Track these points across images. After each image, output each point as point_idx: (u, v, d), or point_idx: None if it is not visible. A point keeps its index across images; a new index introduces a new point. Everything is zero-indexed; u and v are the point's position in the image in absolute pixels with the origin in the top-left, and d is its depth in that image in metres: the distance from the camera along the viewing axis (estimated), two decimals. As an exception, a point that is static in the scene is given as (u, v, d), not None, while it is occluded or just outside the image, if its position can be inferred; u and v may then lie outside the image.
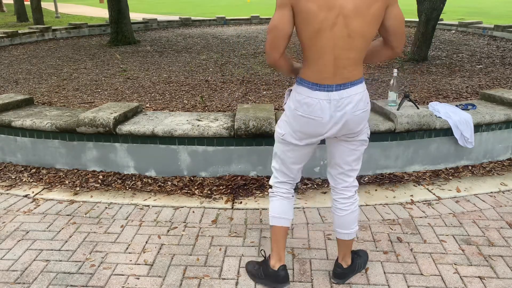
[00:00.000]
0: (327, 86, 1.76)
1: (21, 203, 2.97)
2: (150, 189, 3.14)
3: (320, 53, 1.72)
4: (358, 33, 1.69)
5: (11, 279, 2.18)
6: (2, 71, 6.47)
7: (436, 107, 3.45)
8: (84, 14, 19.64)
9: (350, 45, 1.71)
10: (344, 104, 1.77)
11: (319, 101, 1.77)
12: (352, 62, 1.75)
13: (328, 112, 1.78)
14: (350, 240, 2.10)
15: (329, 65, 1.73)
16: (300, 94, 1.81)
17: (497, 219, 2.70)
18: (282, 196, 2.06)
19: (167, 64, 6.75)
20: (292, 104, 1.85)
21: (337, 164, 2.00)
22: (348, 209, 2.04)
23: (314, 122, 1.81)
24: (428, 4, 6.42)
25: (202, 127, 3.13)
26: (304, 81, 1.80)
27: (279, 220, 2.05)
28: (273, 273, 2.06)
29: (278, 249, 2.07)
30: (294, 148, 1.93)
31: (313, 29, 1.67)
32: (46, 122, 3.33)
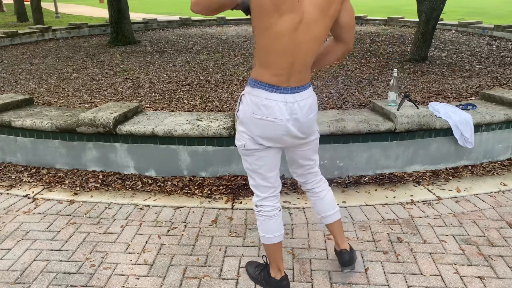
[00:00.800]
0: (283, 88, 1.74)
1: (21, 203, 2.97)
2: (150, 189, 3.14)
3: (279, 56, 1.70)
4: (316, 38, 1.69)
5: (11, 279, 2.18)
6: (2, 71, 6.47)
7: (436, 107, 3.45)
8: (84, 14, 19.63)
9: (308, 50, 1.71)
10: (298, 107, 1.78)
11: (277, 103, 1.75)
12: (307, 66, 1.77)
13: (286, 114, 1.76)
14: (340, 220, 2.17)
15: (286, 68, 1.72)
16: (257, 96, 1.76)
17: (497, 219, 2.70)
18: (267, 216, 1.99)
19: (167, 64, 6.75)
20: (249, 108, 1.78)
21: (302, 165, 2.07)
22: (325, 188, 2.14)
23: (273, 125, 1.77)
24: (428, 4, 6.42)
25: (202, 127, 3.13)
26: (260, 83, 1.75)
27: (271, 239, 2.02)
28: (275, 283, 2.07)
29: (277, 262, 2.07)
30: (259, 154, 1.88)
31: (276, 31, 1.63)
32: (46, 122, 3.33)
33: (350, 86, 5.09)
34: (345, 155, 3.24)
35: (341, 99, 4.50)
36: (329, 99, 4.52)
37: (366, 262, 2.30)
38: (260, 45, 1.71)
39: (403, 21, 12.26)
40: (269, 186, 1.96)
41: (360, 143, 3.21)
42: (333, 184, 3.19)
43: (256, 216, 2.03)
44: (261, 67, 1.76)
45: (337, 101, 4.44)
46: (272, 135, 1.81)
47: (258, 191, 1.98)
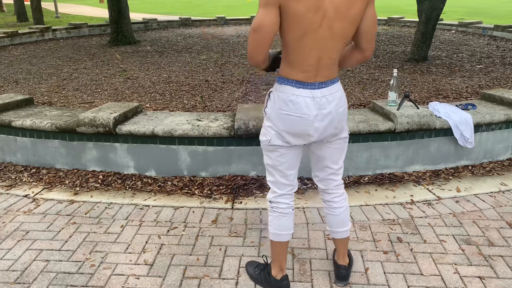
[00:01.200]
0: (310, 84, 1.77)
1: (21, 203, 2.97)
2: (150, 189, 3.14)
3: (305, 54, 1.73)
4: (340, 35, 1.72)
5: (11, 279, 2.18)
6: (2, 71, 6.47)
7: (436, 107, 3.45)
8: (84, 14, 19.64)
9: (332, 46, 1.74)
10: (327, 101, 1.79)
11: (303, 98, 1.77)
12: (333, 62, 1.79)
13: (313, 109, 1.78)
14: (348, 238, 2.14)
15: (313, 65, 1.75)
16: (284, 92, 1.79)
17: (497, 219, 2.70)
18: (281, 212, 2.00)
19: (167, 64, 6.75)
20: (276, 104, 1.82)
21: (326, 166, 2.01)
22: (343, 205, 2.08)
23: (300, 120, 1.79)
24: (428, 4, 6.42)
25: (202, 127, 3.13)
26: (287, 80, 1.79)
27: (280, 236, 2.02)
28: (275, 283, 2.07)
29: (280, 261, 2.07)
30: (283, 151, 1.90)
31: (300, 30, 1.67)
32: (46, 122, 3.33)
33: (350, 86, 5.09)
34: (345, 155, 3.23)
35: (341, 99, 4.49)
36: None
37: (366, 262, 2.30)
38: (288, 46, 1.74)
39: (403, 21, 12.27)
40: (287, 184, 1.98)
41: (360, 143, 3.21)
42: (333, 184, 3.19)
43: (269, 213, 2.04)
44: (289, 65, 1.78)
45: (337, 101, 4.43)
46: (299, 130, 1.81)
47: (276, 187, 1.99)
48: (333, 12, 1.65)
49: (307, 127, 1.80)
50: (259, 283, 2.14)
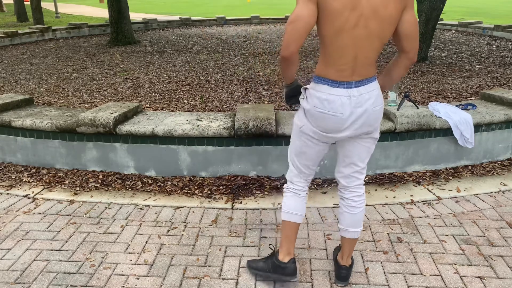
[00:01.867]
0: (346, 83, 1.79)
1: (21, 203, 2.97)
2: (150, 189, 3.14)
3: (341, 52, 1.75)
4: (376, 34, 1.73)
5: (11, 279, 2.18)
6: (2, 71, 6.47)
7: (436, 107, 3.45)
8: (84, 14, 19.64)
9: (368, 46, 1.74)
10: (364, 99, 1.81)
11: (339, 97, 1.79)
12: (370, 61, 1.79)
13: (348, 108, 1.80)
14: (357, 239, 2.13)
15: (349, 63, 1.76)
16: (320, 91, 1.81)
17: (497, 219, 2.71)
18: (296, 193, 2.07)
19: (167, 64, 6.75)
20: (311, 102, 1.84)
21: (353, 163, 2.01)
22: (361, 206, 2.07)
23: (334, 118, 1.81)
24: (428, 4, 6.42)
25: (202, 127, 3.13)
26: (323, 79, 1.81)
27: (292, 216, 2.06)
28: (283, 266, 2.08)
29: (288, 244, 2.09)
30: (310, 143, 1.94)
31: (335, 28, 1.69)
32: (46, 122, 3.33)
33: (350, 86, 5.08)
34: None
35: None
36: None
37: (366, 262, 2.30)
38: (324, 43, 1.77)
39: (403, 21, 12.24)
40: (304, 171, 2.05)
41: (360, 143, 3.21)
42: (333, 184, 3.19)
43: (284, 193, 2.11)
44: (326, 64, 1.81)
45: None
46: (331, 127, 1.84)
47: (295, 169, 2.06)
48: (369, 11, 1.67)
49: (341, 125, 1.83)
50: (266, 271, 2.14)
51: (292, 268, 2.08)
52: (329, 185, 3.17)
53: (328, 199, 2.98)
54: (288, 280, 2.11)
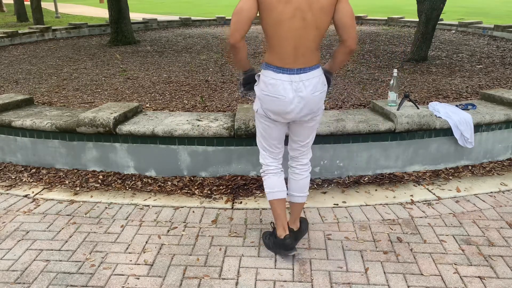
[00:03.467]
0: (289, 69, 2.02)
1: (21, 203, 2.97)
2: (150, 189, 3.14)
3: (281, 41, 1.98)
4: (313, 25, 1.95)
5: (11, 279, 2.18)
6: (2, 71, 6.47)
7: (436, 107, 3.45)
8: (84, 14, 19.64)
9: (306, 36, 1.97)
10: (304, 86, 2.04)
11: (282, 82, 2.03)
12: (309, 50, 2.01)
13: (290, 92, 2.03)
14: (302, 203, 2.40)
15: (290, 52, 1.99)
16: (266, 76, 2.06)
17: (497, 219, 2.70)
18: (271, 172, 2.31)
19: (167, 64, 6.75)
20: (260, 86, 2.10)
21: (299, 140, 2.29)
22: (304, 174, 2.35)
23: (278, 101, 2.06)
24: (428, 4, 6.42)
25: (202, 127, 3.13)
26: (269, 65, 2.06)
27: (275, 194, 2.29)
28: (281, 242, 2.30)
29: (281, 221, 2.30)
30: (267, 123, 2.19)
31: (273, 19, 1.94)
32: (46, 122, 3.33)
33: (350, 86, 5.09)
34: (345, 155, 3.24)
35: (341, 99, 4.50)
36: (329, 99, 4.52)
37: (366, 262, 2.30)
38: (266, 34, 2.02)
39: (403, 21, 12.26)
40: (272, 150, 2.30)
41: (360, 143, 3.21)
42: (333, 184, 3.19)
43: (262, 177, 2.34)
44: (270, 52, 2.05)
45: (337, 101, 4.44)
46: (277, 109, 2.09)
47: (264, 151, 2.32)
48: (305, 4, 1.91)
49: (285, 107, 2.07)
50: (271, 249, 2.38)
51: (288, 243, 2.27)
52: (329, 185, 3.17)
53: (328, 199, 2.98)
54: (288, 254, 2.30)
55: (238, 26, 1.95)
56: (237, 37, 1.96)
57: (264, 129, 2.24)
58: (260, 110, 2.17)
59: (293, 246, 2.29)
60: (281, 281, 2.15)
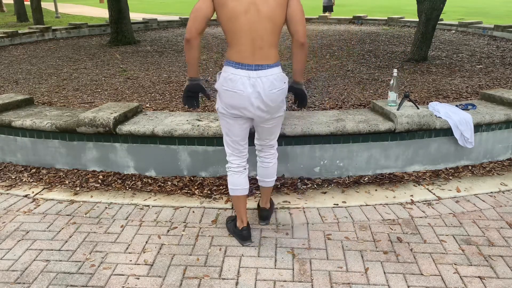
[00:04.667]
0: (247, 65, 2.13)
1: (21, 203, 2.97)
2: (150, 189, 3.14)
3: (238, 35, 2.09)
4: (267, 18, 2.07)
5: (11, 279, 2.18)
6: (2, 71, 6.47)
7: (436, 107, 3.44)
8: (84, 14, 19.64)
9: (263, 28, 2.09)
10: (262, 82, 2.13)
11: (240, 77, 2.13)
12: (267, 43, 2.12)
13: (248, 87, 2.13)
14: (271, 187, 2.62)
15: (247, 45, 2.10)
16: (226, 72, 2.17)
17: (497, 219, 2.70)
18: (234, 171, 2.41)
19: (167, 64, 6.75)
20: (220, 81, 2.19)
21: (265, 137, 2.45)
22: (272, 161, 2.54)
23: (237, 95, 2.15)
24: (428, 4, 6.42)
25: (202, 127, 3.13)
26: (229, 61, 2.16)
27: (234, 191, 2.43)
28: (239, 232, 2.48)
29: (240, 214, 2.46)
30: (228, 121, 2.28)
31: (227, 14, 2.06)
32: (46, 122, 3.33)
33: (350, 86, 5.09)
34: (345, 155, 3.24)
35: (341, 99, 4.50)
36: (329, 99, 4.52)
37: (366, 262, 2.30)
38: (224, 30, 2.13)
39: (403, 21, 12.27)
40: (235, 147, 2.38)
41: (360, 143, 3.22)
42: (333, 184, 3.19)
43: (227, 173, 2.45)
44: (229, 48, 2.16)
45: (337, 101, 4.44)
46: (236, 104, 2.18)
47: (228, 148, 2.41)
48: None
49: (244, 101, 2.16)
50: (230, 232, 2.56)
51: (245, 234, 2.44)
52: (329, 185, 3.17)
53: (328, 199, 2.98)
54: (244, 244, 2.45)
55: (195, 23, 2.09)
56: (193, 32, 2.08)
57: (226, 126, 2.32)
58: (221, 107, 2.25)
59: (248, 238, 2.45)
60: (281, 281, 2.15)
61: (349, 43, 8.74)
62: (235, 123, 2.28)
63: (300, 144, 3.18)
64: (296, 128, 3.09)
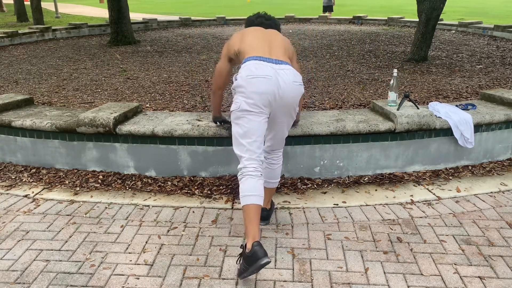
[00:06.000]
0: (268, 58, 2.27)
1: (21, 203, 2.97)
2: (150, 189, 3.14)
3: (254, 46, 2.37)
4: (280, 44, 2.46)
5: (11, 279, 2.18)
6: (2, 71, 6.47)
7: (436, 107, 3.45)
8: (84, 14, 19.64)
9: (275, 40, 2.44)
10: (284, 73, 2.24)
11: (265, 65, 2.22)
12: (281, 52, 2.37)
13: (272, 73, 2.21)
14: (275, 188, 2.64)
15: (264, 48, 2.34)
16: (248, 65, 2.25)
17: (497, 219, 2.70)
18: (249, 174, 2.21)
19: (167, 64, 6.75)
20: (244, 73, 2.24)
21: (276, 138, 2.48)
22: (279, 163, 2.57)
23: (265, 80, 2.19)
24: (428, 4, 6.42)
25: (202, 127, 3.13)
26: (248, 58, 2.29)
27: (248, 198, 2.13)
28: (251, 254, 1.99)
29: (253, 229, 2.06)
30: (250, 117, 2.23)
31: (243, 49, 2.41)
32: (46, 122, 3.33)
33: (350, 86, 5.09)
34: (345, 155, 3.24)
35: (341, 99, 4.50)
36: (329, 99, 4.52)
37: (366, 262, 2.30)
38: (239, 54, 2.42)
39: (403, 21, 12.27)
40: (253, 150, 2.26)
41: (360, 143, 3.22)
42: (333, 184, 3.19)
43: (239, 181, 2.25)
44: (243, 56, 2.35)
45: (337, 101, 4.44)
46: (264, 90, 2.20)
47: (245, 153, 2.27)
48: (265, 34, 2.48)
49: (272, 87, 2.20)
50: (244, 272, 2.05)
51: (257, 250, 1.98)
52: (329, 185, 3.17)
53: (328, 199, 2.98)
54: (262, 264, 1.97)
55: (220, 78, 2.59)
56: (218, 86, 2.63)
57: (244, 125, 2.26)
58: (244, 103, 2.23)
59: (263, 253, 1.98)
60: (281, 281, 2.14)
61: (349, 43, 8.74)
62: (254, 119, 2.24)
63: (300, 144, 3.18)
64: (296, 128, 3.09)
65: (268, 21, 2.63)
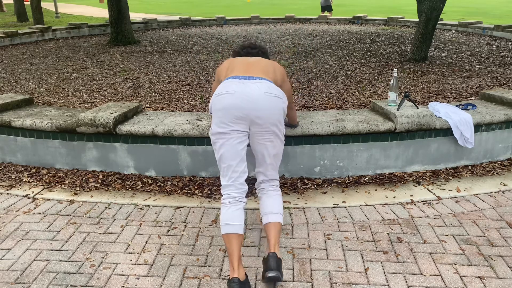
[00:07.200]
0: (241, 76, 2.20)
1: (21, 203, 2.97)
2: (150, 189, 3.14)
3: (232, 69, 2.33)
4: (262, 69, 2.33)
5: (11, 279, 2.18)
6: (2, 71, 6.47)
7: (436, 107, 3.45)
8: (84, 14, 19.64)
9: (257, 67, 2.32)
10: (257, 86, 2.14)
11: (234, 81, 2.17)
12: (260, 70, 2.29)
13: (238, 87, 2.12)
14: (281, 224, 2.22)
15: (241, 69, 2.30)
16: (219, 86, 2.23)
17: (497, 219, 2.71)
18: (224, 203, 2.15)
19: (167, 64, 6.75)
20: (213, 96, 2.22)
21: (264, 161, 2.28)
22: (278, 190, 2.35)
23: (227, 95, 2.12)
24: (428, 4, 6.42)
25: (202, 127, 3.13)
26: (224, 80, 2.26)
27: (223, 228, 2.08)
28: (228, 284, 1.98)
29: (231, 259, 2.02)
30: (222, 141, 2.14)
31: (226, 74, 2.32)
32: (46, 122, 3.33)
33: (350, 86, 5.09)
34: (345, 155, 3.24)
35: (341, 99, 4.50)
36: (329, 99, 4.52)
37: (366, 262, 2.30)
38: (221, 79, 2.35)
39: (403, 21, 12.27)
40: (231, 174, 2.15)
41: (360, 143, 3.22)
42: (333, 184, 3.19)
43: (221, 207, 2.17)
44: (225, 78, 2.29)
45: (337, 101, 4.44)
46: (227, 104, 2.10)
47: (222, 179, 2.19)
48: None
49: (236, 100, 2.10)
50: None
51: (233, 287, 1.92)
52: (329, 185, 3.17)
53: (328, 199, 2.98)
54: None
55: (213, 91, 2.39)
56: None
57: (218, 150, 2.16)
58: (213, 125, 2.16)
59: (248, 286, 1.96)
60: (281, 281, 2.14)
61: (349, 43, 8.74)
62: (227, 142, 2.12)
63: (300, 144, 3.18)
64: (296, 128, 3.09)
65: (254, 50, 2.56)
